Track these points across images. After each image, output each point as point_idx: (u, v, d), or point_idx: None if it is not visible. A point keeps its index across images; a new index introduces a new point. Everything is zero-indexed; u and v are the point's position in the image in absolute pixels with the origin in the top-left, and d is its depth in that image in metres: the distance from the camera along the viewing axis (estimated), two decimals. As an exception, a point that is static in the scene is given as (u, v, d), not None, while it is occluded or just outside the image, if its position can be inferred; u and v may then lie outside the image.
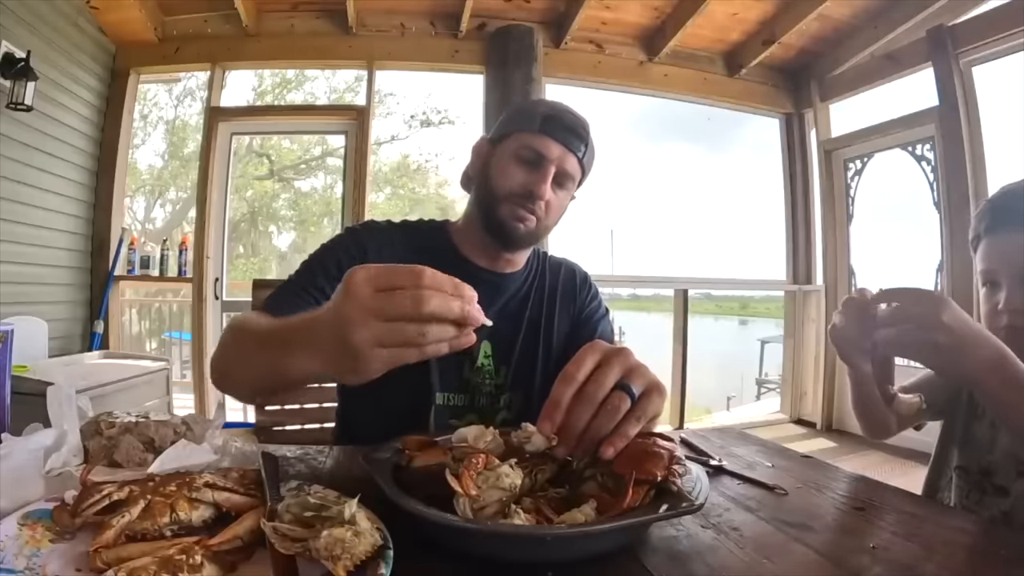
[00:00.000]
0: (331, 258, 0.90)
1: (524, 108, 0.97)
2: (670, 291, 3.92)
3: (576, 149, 0.91)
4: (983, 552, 0.52)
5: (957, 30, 3.07)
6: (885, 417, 0.88)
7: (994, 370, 0.64)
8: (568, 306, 1.03)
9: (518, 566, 0.44)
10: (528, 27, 3.46)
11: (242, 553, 0.43)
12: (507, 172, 0.91)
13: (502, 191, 0.91)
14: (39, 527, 0.44)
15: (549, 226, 0.95)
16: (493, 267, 0.97)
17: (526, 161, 0.90)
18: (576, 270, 1.09)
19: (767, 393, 6.67)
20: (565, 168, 0.91)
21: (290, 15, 3.45)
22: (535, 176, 0.89)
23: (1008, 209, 0.83)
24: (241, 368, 0.69)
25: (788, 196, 4.22)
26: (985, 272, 0.86)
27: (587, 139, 0.93)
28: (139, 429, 0.61)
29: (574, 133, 0.91)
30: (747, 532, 0.52)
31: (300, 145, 7.71)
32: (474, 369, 0.94)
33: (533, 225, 0.91)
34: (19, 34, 2.57)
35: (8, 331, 0.69)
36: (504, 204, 0.90)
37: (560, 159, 0.90)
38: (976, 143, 3.06)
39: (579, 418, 0.51)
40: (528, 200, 0.89)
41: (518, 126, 0.93)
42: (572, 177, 0.93)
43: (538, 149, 0.90)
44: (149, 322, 4.67)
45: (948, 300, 0.65)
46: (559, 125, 0.91)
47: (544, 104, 0.96)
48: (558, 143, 0.90)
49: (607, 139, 12.69)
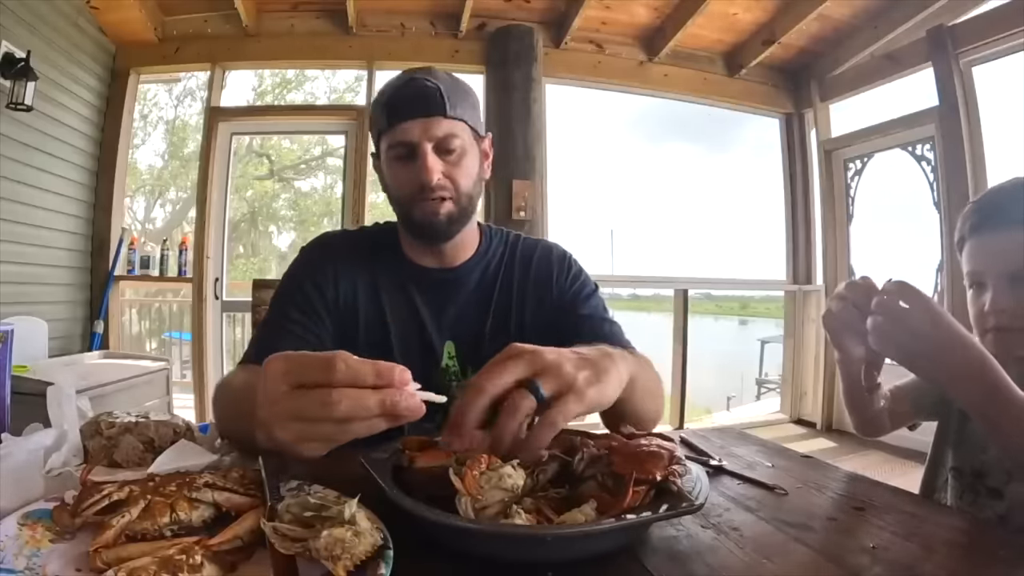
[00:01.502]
0: (297, 290, 0.90)
1: (374, 109, 0.91)
2: (670, 291, 3.92)
3: (434, 111, 0.84)
4: (983, 552, 0.52)
5: (957, 30, 3.07)
6: (876, 413, 0.88)
7: (974, 378, 0.65)
8: (542, 292, 0.95)
9: (518, 566, 0.44)
10: (528, 27, 3.46)
11: (242, 553, 0.43)
12: (395, 178, 0.88)
13: (403, 197, 0.88)
14: (39, 527, 0.44)
15: (471, 193, 0.89)
16: (441, 263, 0.93)
17: (402, 158, 0.86)
18: (553, 250, 1.01)
19: (767, 393, 6.66)
20: (437, 136, 0.84)
21: (290, 15, 3.45)
22: (417, 167, 0.84)
23: (993, 210, 0.83)
24: (231, 424, 0.69)
25: (788, 196, 4.22)
26: (971, 273, 0.86)
27: (436, 91, 0.84)
28: (139, 429, 0.61)
29: (421, 99, 0.84)
30: (747, 532, 0.52)
31: (300, 145, 7.72)
32: (439, 371, 0.90)
33: (452, 207, 0.86)
34: (19, 34, 2.57)
35: (8, 331, 0.69)
36: (412, 207, 0.87)
37: (425, 132, 0.84)
38: (976, 143, 3.06)
39: (472, 419, 0.48)
40: (426, 191, 0.84)
41: (377, 130, 0.89)
42: (452, 135, 0.85)
43: (401, 140, 0.85)
44: (149, 322, 4.67)
45: (931, 304, 0.65)
46: (402, 103, 0.85)
47: (383, 93, 0.88)
48: (413, 120, 0.83)
49: (607, 139, 12.68)
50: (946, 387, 0.69)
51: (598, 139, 11.24)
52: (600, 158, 11.65)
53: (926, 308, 0.65)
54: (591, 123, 10.14)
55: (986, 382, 0.64)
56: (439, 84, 0.85)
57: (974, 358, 0.65)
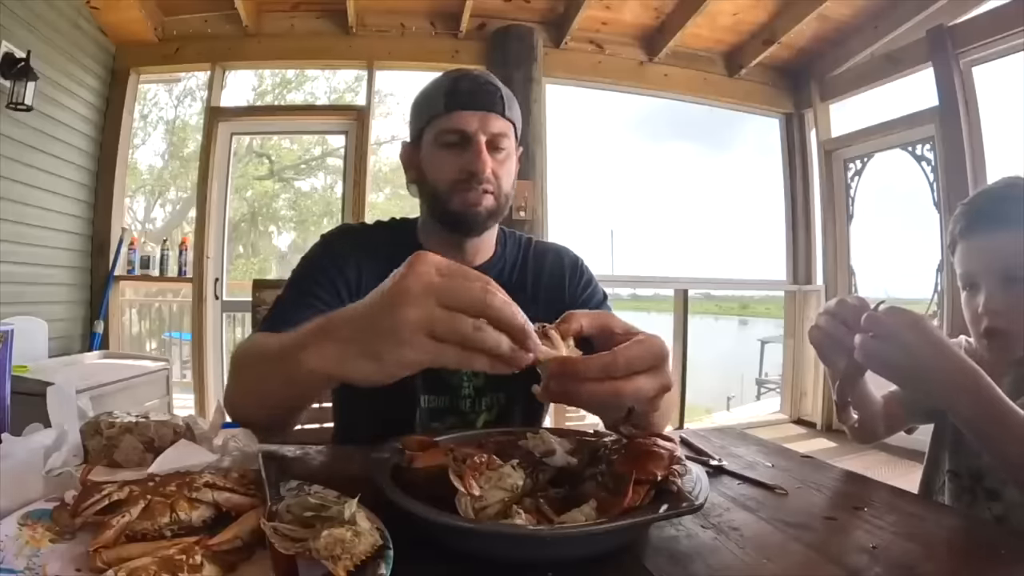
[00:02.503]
0: (319, 271, 0.88)
1: (425, 95, 0.90)
2: (670, 291, 3.92)
3: (493, 107, 0.86)
4: (983, 552, 0.52)
5: (957, 30, 3.07)
6: (870, 420, 0.88)
7: (969, 392, 0.64)
8: (555, 298, 0.96)
9: (518, 566, 0.44)
10: (528, 27, 3.46)
11: (242, 553, 0.43)
12: (439, 163, 0.87)
13: (443, 184, 0.86)
14: (39, 527, 0.44)
15: (508, 193, 0.90)
16: (462, 263, 0.94)
17: (452, 145, 0.85)
18: (565, 256, 1.01)
19: (767, 393, 6.67)
20: (493, 132, 0.85)
21: (290, 15, 3.45)
22: (468, 155, 0.84)
23: (983, 211, 0.84)
24: (253, 387, 0.68)
25: (788, 196, 4.22)
26: (964, 275, 0.86)
27: (498, 91, 0.87)
28: (139, 429, 0.61)
29: (483, 93, 0.85)
30: (747, 532, 0.52)
31: (300, 145, 7.71)
32: (453, 371, 0.89)
33: (493, 202, 0.87)
34: (19, 34, 2.57)
35: (8, 331, 0.69)
36: (453, 195, 0.86)
37: (483, 125, 0.85)
38: (976, 143, 3.06)
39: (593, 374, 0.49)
40: (473, 181, 0.84)
41: (427, 114, 0.88)
42: (504, 135, 0.87)
43: (456, 127, 0.85)
44: (149, 322, 4.67)
45: (922, 323, 0.65)
46: (464, 92, 0.85)
47: (442, 81, 0.88)
48: (472, 111, 0.84)
49: (607, 139, 12.69)
50: (939, 402, 0.69)
51: (598, 139, 11.24)
52: (600, 158, 11.66)
53: (916, 324, 0.65)
54: (591, 123, 10.15)
55: (980, 397, 0.64)
56: (499, 86, 0.87)
57: (967, 373, 0.64)
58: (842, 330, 0.69)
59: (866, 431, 0.91)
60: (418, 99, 0.91)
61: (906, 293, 3.91)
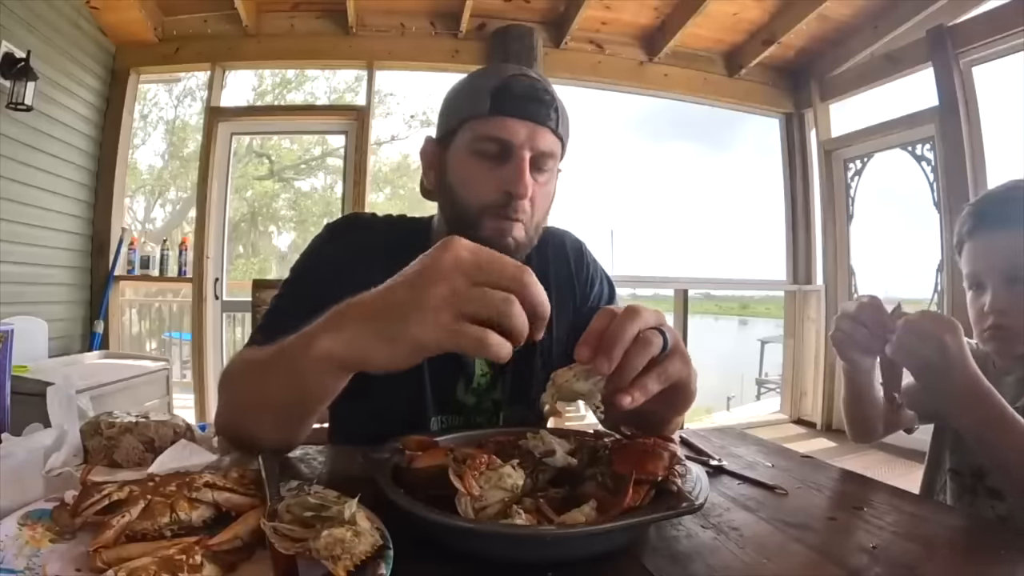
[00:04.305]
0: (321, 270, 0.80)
1: (467, 88, 0.77)
2: (670, 291, 3.92)
3: (546, 119, 0.72)
4: (984, 552, 0.52)
5: (957, 30, 3.07)
6: (873, 419, 0.89)
7: (971, 396, 0.68)
8: (567, 297, 0.89)
9: (518, 566, 0.44)
10: (528, 27, 3.46)
11: (242, 553, 0.43)
12: (471, 177, 0.74)
13: (475, 205, 0.73)
14: (39, 527, 0.44)
15: (540, 223, 0.78)
16: None
17: (489, 156, 0.72)
18: (568, 245, 0.93)
19: (767, 393, 6.67)
20: (540, 148, 0.72)
21: (290, 15, 3.45)
22: (507, 172, 0.71)
23: (990, 212, 0.85)
24: (249, 397, 0.62)
25: (788, 196, 4.22)
26: (970, 275, 0.88)
27: (554, 101, 0.74)
28: (139, 429, 0.61)
29: (536, 100, 0.72)
30: (747, 532, 0.52)
31: (300, 145, 7.72)
32: (469, 389, 0.84)
33: (523, 234, 0.74)
34: (19, 34, 2.57)
35: (8, 331, 0.69)
36: (484, 219, 0.73)
37: (530, 139, 0.72)
38: (976, 143, 3.06)
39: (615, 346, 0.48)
40: (508, 206, 0.72)
41: (466, 112, 0.74)
42: (552, 155, 0.75)
43: (500, 136, 0.71)
44: (149, 322, 4.67)
45: (957, 326, 0.70)
46: (516, 96, 0.71)
47: (489, 75, 0.75)
48: (521, 120, 0.71)
49: (607, 139, 12.68)
50: (946, 405, 0.73)
51: (598, 139, 11.23)
52: (600, 158, 11.66)
53: (953, 328, 0.69)
54: (591, 123, 10.14)
55: (984, 405, 0.68)
56: (555, 95, 0.74)
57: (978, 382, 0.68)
58: (863, 332, 0.74)
59: (867, 429, 0.92)
60: (456, 92, 0.78)
61: (906, 293, 3.91)
